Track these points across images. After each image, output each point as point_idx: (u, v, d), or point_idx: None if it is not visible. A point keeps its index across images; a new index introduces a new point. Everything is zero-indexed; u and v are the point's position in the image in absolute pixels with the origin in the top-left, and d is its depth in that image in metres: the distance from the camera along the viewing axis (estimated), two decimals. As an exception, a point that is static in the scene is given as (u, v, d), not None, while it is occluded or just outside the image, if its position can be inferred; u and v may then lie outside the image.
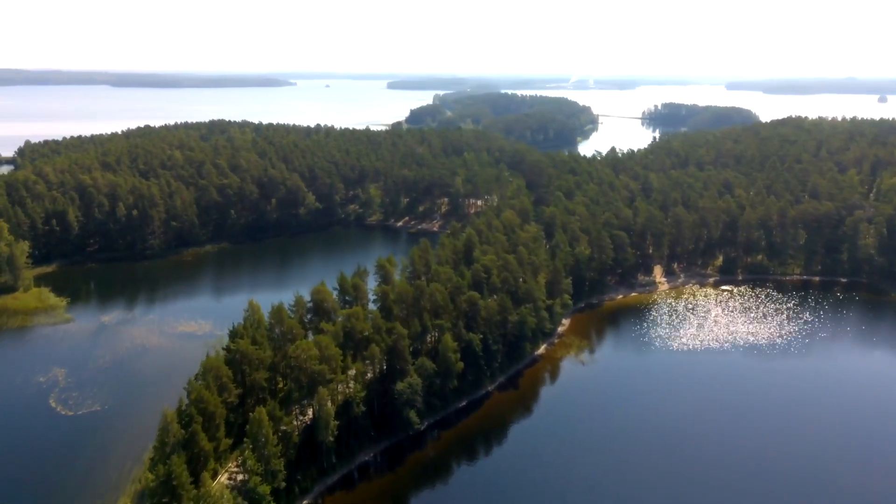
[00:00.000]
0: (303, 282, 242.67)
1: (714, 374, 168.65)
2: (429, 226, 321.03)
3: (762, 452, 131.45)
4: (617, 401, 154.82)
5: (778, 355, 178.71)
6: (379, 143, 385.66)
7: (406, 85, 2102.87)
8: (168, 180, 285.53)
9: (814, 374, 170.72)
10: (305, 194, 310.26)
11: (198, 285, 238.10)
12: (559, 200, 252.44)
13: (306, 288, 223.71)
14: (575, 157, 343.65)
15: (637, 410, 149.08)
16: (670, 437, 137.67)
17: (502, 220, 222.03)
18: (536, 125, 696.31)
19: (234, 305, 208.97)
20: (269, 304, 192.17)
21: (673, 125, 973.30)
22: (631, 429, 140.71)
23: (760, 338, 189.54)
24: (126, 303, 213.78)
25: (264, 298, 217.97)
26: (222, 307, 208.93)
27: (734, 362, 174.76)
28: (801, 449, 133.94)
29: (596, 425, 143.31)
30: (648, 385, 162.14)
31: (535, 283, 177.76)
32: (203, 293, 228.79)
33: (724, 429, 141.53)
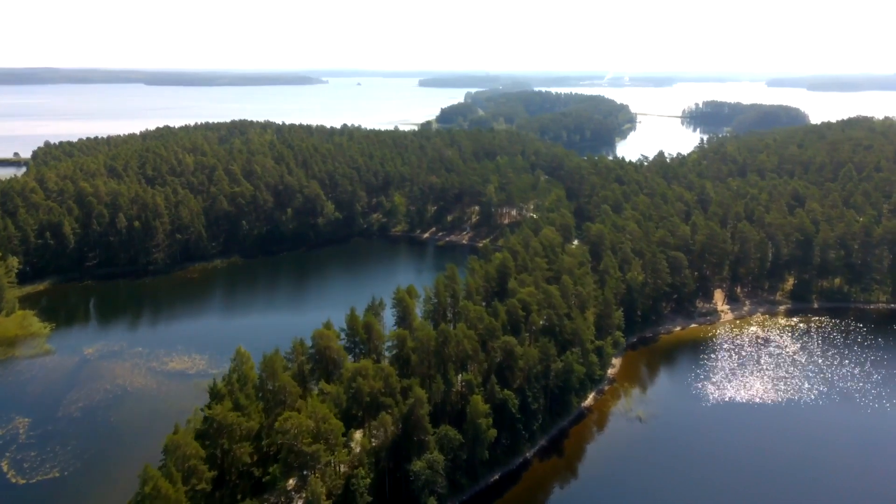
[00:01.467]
0: (318, 304, 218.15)
1: (801, 434, 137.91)
2: (458, 238, 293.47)
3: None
4: (681, 469, 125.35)
5: (879, 410, 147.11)
6: (405, 147, 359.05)
7: (437, 83, 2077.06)
8: (175, 188, 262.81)
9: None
10: (324, 203, 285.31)
11: (199, 308, 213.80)
12: (606, 215, 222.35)
13: (320, 313, 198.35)
14: (620, 163, 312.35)
15: (708, 483, 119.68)
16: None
17: (541, 239, 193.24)
18: (573, 125, 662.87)
19: (237, 335, 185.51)
20: (276, 333, 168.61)
21: (715, 124, 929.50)
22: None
23: (853, 386, 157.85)
24: (115, 330, 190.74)
25: (271, 326, 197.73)
26: (223, 336, 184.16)
27: (825, 419, 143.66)
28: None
29: (657, 501, 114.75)
30: (719, 448, 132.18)
31: (582, 321, 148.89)
32: (203, 318, 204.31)
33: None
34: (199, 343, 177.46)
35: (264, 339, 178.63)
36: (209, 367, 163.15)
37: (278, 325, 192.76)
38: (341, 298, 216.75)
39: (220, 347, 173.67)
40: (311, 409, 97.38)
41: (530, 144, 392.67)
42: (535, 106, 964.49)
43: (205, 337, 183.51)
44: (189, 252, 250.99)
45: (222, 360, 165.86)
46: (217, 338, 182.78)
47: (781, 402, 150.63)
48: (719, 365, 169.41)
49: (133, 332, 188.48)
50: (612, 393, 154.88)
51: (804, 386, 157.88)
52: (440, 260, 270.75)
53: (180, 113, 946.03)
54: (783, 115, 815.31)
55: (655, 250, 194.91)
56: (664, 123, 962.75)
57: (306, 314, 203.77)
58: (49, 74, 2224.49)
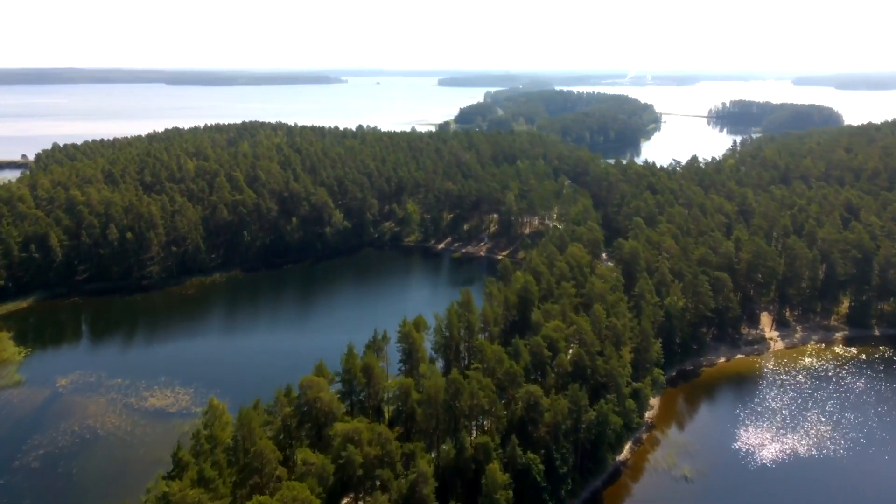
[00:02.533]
0: (322, 326, 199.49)
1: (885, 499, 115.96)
2: (475, 249, 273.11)
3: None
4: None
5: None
6: (420, 150, 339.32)
7: (457, 82, 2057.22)
8: (173, 196, 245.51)
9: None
10: (332, 211, 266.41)
11: (191, 329, 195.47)
12: (639, 229, 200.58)
13: (323, 337, 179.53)
14: (651, 168, 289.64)
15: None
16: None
17: (568, 258, 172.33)
18: (596, 126, 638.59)
19: (228, 364, 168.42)
20: (271, 363, 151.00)
21: (743, 125, 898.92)
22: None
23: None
24: (96, 355, 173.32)
25: (268, 353, 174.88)
26: (213, 365, 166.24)
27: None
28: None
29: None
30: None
31: (617, 360, 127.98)
32: (194, 342, 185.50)
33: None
34: (186, 373, 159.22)
35: (257, 371, 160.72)
36: (193, 404, 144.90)
37: (276, 351, 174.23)
38: (347, 320, 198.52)
39: (207, 379, 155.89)
40: (286, 493, 77.71)
41: (552, 147, 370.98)
42: (556, 106, 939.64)
43: (193, 365, 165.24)
44: (186, 265, 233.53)
45: (208, 395, 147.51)
46: (207, 367, 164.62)
47: (851, 455, 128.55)
48: (774, 406, 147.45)
49: (115, 359, 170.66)
50: (651, 442, 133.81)
51: (880, 435, 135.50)
52: (456, 274, 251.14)
53: (196, 113, 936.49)
54: (816, 114, 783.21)
55: (696, 271, 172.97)
56: (690, 124, 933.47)
57: (308, 338, 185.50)
58: (71, 74, 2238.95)
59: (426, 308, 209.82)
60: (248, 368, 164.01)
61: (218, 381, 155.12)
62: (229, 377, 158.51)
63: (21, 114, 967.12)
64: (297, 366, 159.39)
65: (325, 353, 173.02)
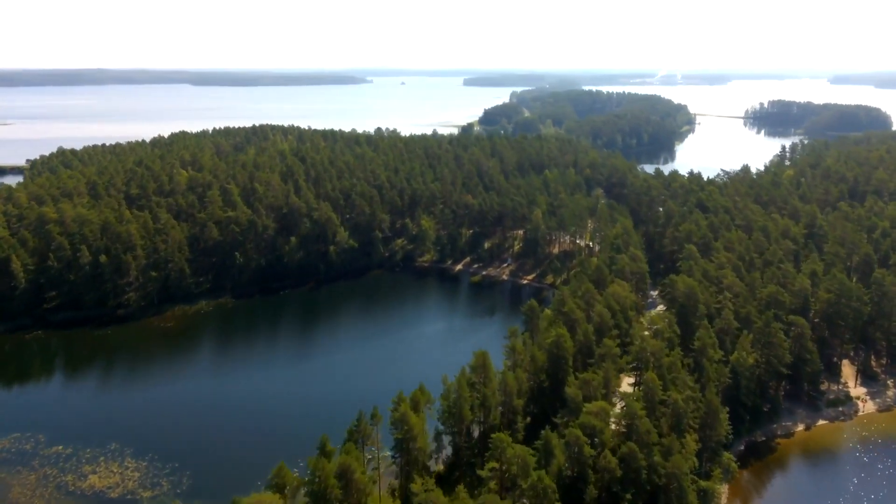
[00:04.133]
0: (321, 370, 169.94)
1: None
2: (496, 271, 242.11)
3: None
4: None
5: None
6: (438, 158, 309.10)
7: (482, 81, 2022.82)
8: (157, 212, 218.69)
9: None
10: (337, 228, 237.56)
11: (160, 373, 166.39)
12: (692, 259, 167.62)
13: (320, 388, 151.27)
14: (698, 180, 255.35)
15: None
16: None
17: (609, 299, 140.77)
18: (628, 128, 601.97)
19: (195, 425, 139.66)
20: (247, 428, 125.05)
21: (782, 126, 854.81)
22: None
23: None
24: (40, 411, 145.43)
25: (248, 411, 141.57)
26: (176, 426, 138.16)
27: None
28: None
29: None
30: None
31: (680, 454, 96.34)
32: (159, 391, 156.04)
33: None
34: (142, 439, 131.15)
35: (230, 439, 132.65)
36: (141, 485, 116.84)
37: (258, 411, 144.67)
38: (348, 364, 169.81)
39: (166, 448, 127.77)
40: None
41: (584, 154, 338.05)
42: (584, 106, 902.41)
43: (152, 427, 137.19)
44: (169, 291, 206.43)
45: (161, 473, 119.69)
46: (168, 430, 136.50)
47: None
48: (878, 498, 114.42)
49: (62, 416, 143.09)
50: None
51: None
52: (475, 302, 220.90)
53: (216, 114, 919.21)
54: (862, 116, 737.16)
55: (768, 316, 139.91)
56: (725, 125, 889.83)
57: (301, 390, 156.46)
58: (99, 75, 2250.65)
59: (439, 349, 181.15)
60: (220, 434, 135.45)
61: (178, 452, 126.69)
62: (195, 445, 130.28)
63: (43, 115, 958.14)
64: (280, 434, 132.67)
65: (318, 411, 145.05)
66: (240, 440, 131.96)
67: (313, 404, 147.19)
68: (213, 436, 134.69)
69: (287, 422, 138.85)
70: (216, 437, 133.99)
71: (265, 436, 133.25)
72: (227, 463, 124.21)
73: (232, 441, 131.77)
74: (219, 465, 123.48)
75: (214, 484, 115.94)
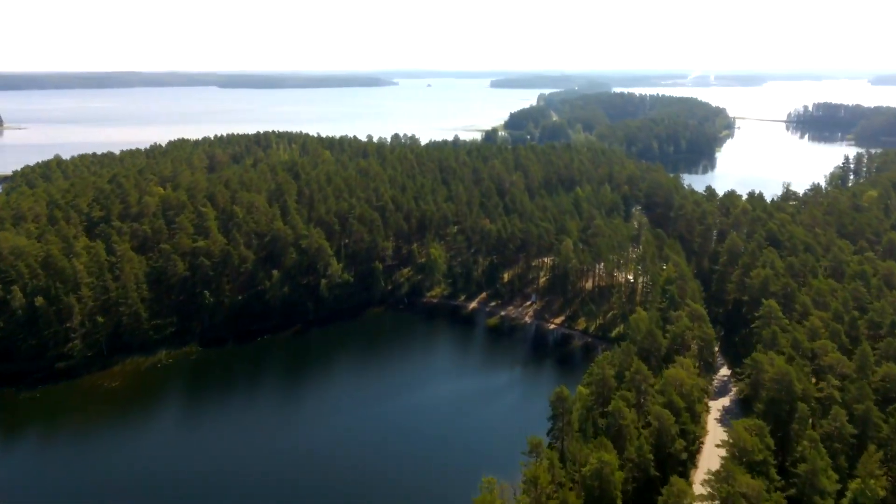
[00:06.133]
0: (304, 457, 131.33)
1: None
2: (518, 312, 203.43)
3: None
4: None
5: None
6: (453, 172, 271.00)
7: (509, 83, 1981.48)
8: (112, 243, 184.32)
9: None
10: (329, 259, 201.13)
11: (85, 455, 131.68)
12: (774, 321, 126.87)
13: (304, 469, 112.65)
14: (761, 203, 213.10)
15: None
16: None
17: (667, 389, 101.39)
18: (665, 134, 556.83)
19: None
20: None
21: (829, 130, 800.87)
22: None
23: None
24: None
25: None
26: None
27: None
28: None
29: None
30: None
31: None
32: (87, 480, 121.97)
33: None
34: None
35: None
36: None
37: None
38: (332, 441, 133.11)
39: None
40: None
41: (620, 167, 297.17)
42: (616, 109, 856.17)
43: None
44: (122, 339, 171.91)
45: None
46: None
47: None
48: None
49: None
50: None
51: None
52: (491, 354, 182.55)
53: (232, 117, 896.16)
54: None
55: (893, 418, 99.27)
56: (766, 129, 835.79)
57: (279, 473, 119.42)
58: (129, 78, 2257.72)
59: (444, 424, 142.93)
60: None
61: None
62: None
63: (61, 119, 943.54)
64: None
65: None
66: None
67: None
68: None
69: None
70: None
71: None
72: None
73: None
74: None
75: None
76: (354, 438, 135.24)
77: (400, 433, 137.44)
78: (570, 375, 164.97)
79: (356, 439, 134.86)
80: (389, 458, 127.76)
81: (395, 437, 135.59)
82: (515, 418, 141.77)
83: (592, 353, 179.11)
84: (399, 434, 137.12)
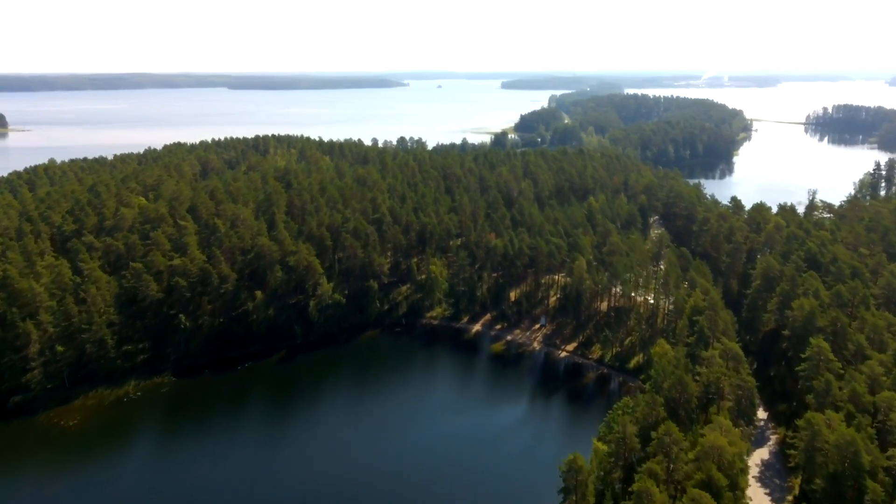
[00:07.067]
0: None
1: None
2: (526, 336, 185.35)
3: None
4: None
5: None
6: (457, 180, 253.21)
7: (521, 84, 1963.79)
8: (80, 260, 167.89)
9: None
10: (319, 278, 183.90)
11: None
12: (822, 363, 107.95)
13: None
14: (796, 217, 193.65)
15: None
16: None
17: (706, 464, 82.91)
18: (681, 137, 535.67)
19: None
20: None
21: (850, 133, 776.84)
22: None
23: None
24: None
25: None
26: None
27: None
28: None
29: None
30: None
31: None
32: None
33: None
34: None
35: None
36: None
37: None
38: (319, 493, 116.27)
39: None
40: None
41: (637, 174, 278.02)
42: (629, 111, 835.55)
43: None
44: (86, 369, 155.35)
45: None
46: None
47: None
48: None
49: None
50: None
51: None
52: (496, 388, 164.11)
53: (241, 119, 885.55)
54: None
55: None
56: (783, 131, 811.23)
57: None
58: (139, 79, 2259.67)
59: (432, 486, 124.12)
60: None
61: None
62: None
63: (67, 121, 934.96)
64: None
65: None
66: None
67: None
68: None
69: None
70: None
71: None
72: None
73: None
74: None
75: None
76: (340, 488, 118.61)
77: (391, 482, 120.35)
78: (584, 415, 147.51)
79: (342, 488, 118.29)
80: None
81: (385, 488, 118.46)
82: (521, 469, 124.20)
83: (608, 386, 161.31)
84: (390, 484, 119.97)
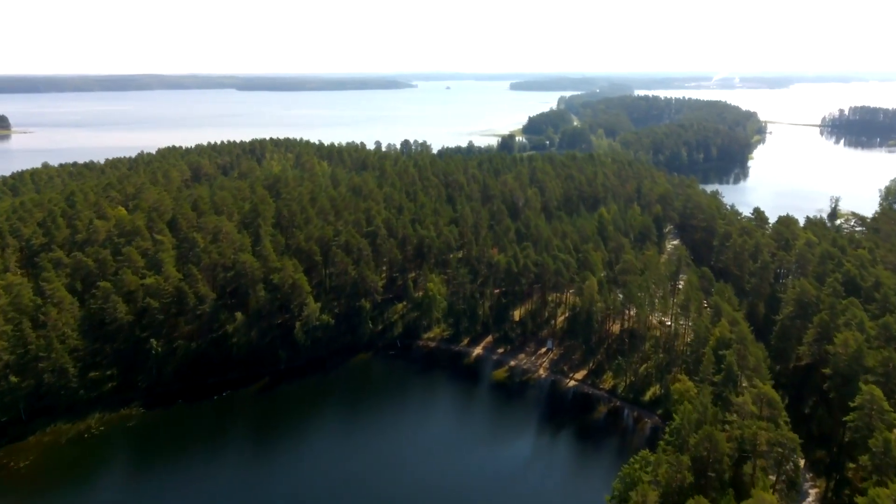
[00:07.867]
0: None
1: None
2: (531, 362, 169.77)
3: None
4: None
5: None
6: (460, 188, 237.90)
7: (529, 85, 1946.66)
8: (43, 280, 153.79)
9: None
10: (306, 297, 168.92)
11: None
12: (876, 413, 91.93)
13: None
14: (828, 233, 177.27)
15: None
16: None
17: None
18: (694, 140, 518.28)
19: None
20: None
21: (867, 135, 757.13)
22: None
23: None
24: None
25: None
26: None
27: None
28: None
29: None
30: None
31: None
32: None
33: None
34: None
35: None
36: None
37: None
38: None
39: None
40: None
41: (651, 182, 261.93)
42: (639, 113, 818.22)
43: None
44: (44, 400, 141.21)
45: None
46: None
47: None
48: None
49: None
50: None
51: None
52: (498, 424, 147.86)
53: (245, 121, 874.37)
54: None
55: None
56: (798, 133, 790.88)
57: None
58: (148, 81, 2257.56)
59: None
60: None
61: None
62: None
63: (71, 123, 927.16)
64: None
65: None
66: None
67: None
68: None
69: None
70: None
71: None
72: None
73: None
74: None
75: None
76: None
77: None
78: (595, 456, 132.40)
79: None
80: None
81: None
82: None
83: (621, 421, 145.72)
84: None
